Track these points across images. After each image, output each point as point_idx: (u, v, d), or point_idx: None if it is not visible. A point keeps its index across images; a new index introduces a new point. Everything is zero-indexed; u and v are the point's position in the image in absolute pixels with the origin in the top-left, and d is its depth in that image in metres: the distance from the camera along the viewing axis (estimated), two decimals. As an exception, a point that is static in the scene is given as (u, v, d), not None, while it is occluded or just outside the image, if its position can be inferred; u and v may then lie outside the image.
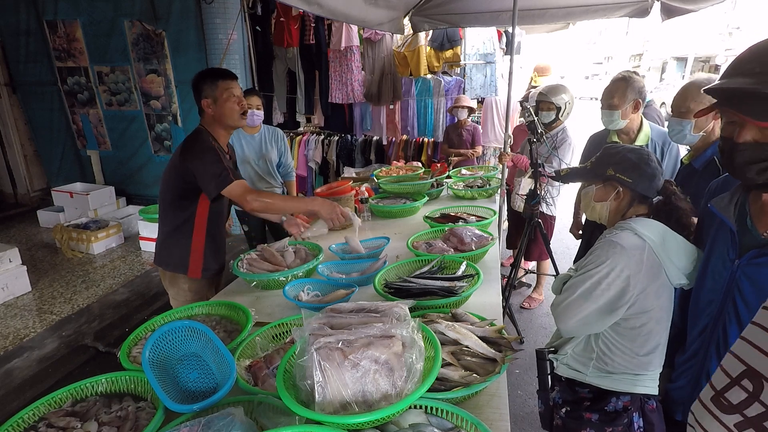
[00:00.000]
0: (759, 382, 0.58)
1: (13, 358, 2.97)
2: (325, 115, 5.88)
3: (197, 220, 2.05)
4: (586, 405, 1.37)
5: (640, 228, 1.26)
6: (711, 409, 0.63)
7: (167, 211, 2.08)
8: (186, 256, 2.08)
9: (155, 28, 4.76)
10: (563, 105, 3.10)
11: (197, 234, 2.07)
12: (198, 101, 1.99)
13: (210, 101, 1.96)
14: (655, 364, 1.31)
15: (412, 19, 4.29)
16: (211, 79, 1.95)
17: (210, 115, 1.98)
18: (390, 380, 0.99)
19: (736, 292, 1.09)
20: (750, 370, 0.60)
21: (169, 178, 2.01)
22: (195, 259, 2.09)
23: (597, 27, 33.89)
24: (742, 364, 0.61)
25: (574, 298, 1.27)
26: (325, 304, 1.65)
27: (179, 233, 2.07)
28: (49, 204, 5.56)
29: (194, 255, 2.09)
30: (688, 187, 1.39)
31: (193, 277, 2.11)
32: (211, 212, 2.07)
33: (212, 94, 1.95)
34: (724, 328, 1.13)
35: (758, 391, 0.57)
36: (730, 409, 0.59)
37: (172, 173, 1.99)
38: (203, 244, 2.09)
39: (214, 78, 1.96)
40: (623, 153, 1.36)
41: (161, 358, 1.23)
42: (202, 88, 1.96)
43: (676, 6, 3.23)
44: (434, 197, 3.26)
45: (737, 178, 1.05)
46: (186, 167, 1.90)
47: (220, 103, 1.96)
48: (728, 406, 0.60)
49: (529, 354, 2.94)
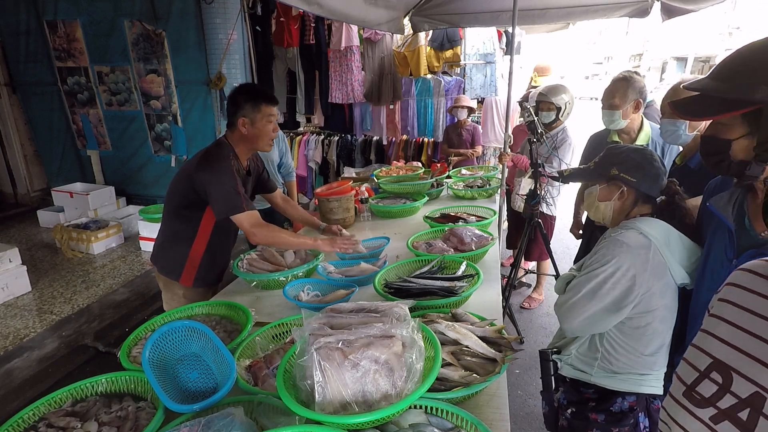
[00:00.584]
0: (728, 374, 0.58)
1: (13, 358, 2.97)
2: (325, 115, 5.88)
3: (200, 231, 2.00)
4: (592, 405, 1.36)
5: (645, 227, 1.26)
6: (684, 403, 0.63)
7: (171, 216, 2.03)
8: (181, 264, 2.03)
9: (155, 28, 4.76)
10: (563, 105, 3.10)
11: (197, 245, 2.02)
12: (233, 115, 1.91)
13: (248, 121, 1.89)
14: (660, 364, 1.31)
15: (412, 19, 4.29)
16: (256, 101, 1.88)
17: (242, 134, 1.92)
18: (390, 380, 0.99)
19: None
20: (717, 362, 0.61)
21: (179, 185, 1.95)
22: (189, 269, 2.04)
23: (597, 27, 33.87)
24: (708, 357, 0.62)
25: (579, 298, 1.27)
26: (325, 304, 1.65)
27: (178, 240, 2.03)
28: (49, 204, 5.56)
29: (189, 265, 2.03)
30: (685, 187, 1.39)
31: (185, 285, 2.07)
32: (216, 227, 2.02)
33: (253, 115, 1.89)
34: None
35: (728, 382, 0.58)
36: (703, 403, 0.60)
37: (183, 180, 1.92)
38: (201, 256, 2.03)
39: (259, 100, 1.89)
40: (627, 153, 1.36)
41: (161, 358, 1.23)
42: (244, 106, 1.89)
43: (676, 6, 3.23)
44: (434, 197, 3.26)
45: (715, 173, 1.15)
46: (201, 180, 1.84)
47: (258, 127, 1.90)
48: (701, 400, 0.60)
49: (529, 354, 2.94)
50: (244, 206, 1.84)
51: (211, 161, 1.87)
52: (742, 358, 0.58)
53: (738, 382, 0.57)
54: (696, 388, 0.62)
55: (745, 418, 0.55)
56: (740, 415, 0.55)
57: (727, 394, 0.58)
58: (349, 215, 2.75)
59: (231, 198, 1.83)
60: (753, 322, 0.59)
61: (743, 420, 0.55)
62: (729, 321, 0.62)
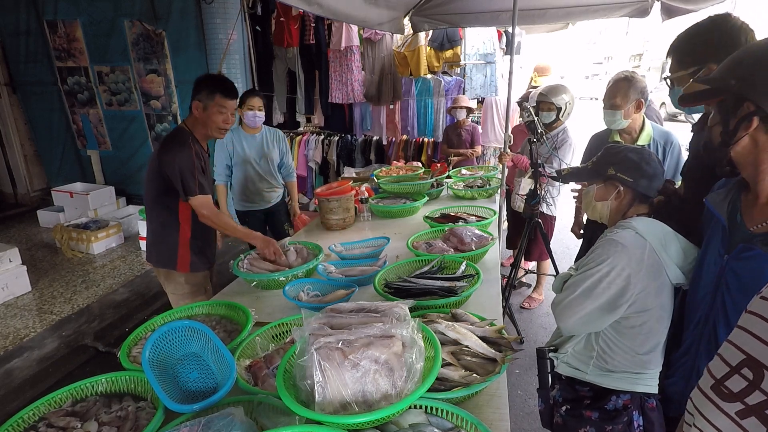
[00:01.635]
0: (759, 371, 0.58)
1: (13, 358, 2.97)
2: (325, 115, 5.87)
3: (181, 216, 2.10)
4: (587, 403, 1.37)
5: (641, 227, 1.26)
6: (711, 397, 0.63)
7: (152, 208, 2.15)
8: (174, 252, 2.13)
9: (155, 28, 4.76)
10: (563, 105, 3.09)
11: (183, 230, 2.12)
12: (192, 99, 2.05)
13: (201, 106, 2.03)
14: (655, 363, 1.32)
15: (412, 19, 4.29)
16: (211, 90, 2.01)
17: (195, 116, 2.06)
18: (390, 380, 0.99)
19: (724, 288, 1.10)
20: (749, 359, 0.60)
21: (150, 174, 2.07)
22: (183, 255, 2.14)
23: (597, 27, 33.79)
24: (741, 353, 0.62)
25: (575, 297, 1.28)
26: (325, 304, 1.65)
27: (166, 230, 2.12)
28: (49, 204, 5.56)
29: (182, 250, 2.13)
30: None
31: (183, 272, 2.16)
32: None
33: (206, 101, 2.02)
34: (714, 324, 1.14)
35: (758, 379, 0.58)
36: (731, 398, 0.60)
37: (152, 170, 2.05)
38: (189, 239, 2.14)
39: (214, 90, 2.01)
40: (624, 153, 1.37)
41: (161, 358, 1.23)
42: (201, 91, 2.02)
43: (676, 6, 3.23)
44: (434, 197, 3.26)
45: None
46: (163, 164, 1.97)
47: (208, 114, 2.03)
48: (729, 395, 0.61)
49: (529, 354, 2.93)
50: (196, 189, 1.97)
51: (169, 145, 2.00)
52: None
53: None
54: (725, 382, 0.62)
55: None
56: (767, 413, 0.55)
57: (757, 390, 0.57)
58: (349, 215, 2.75)
59: (186, 180, 1.95)
60: None
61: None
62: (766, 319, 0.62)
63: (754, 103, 0.95)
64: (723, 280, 1.11)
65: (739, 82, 0.96)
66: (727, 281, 1.09)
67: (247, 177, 3.11)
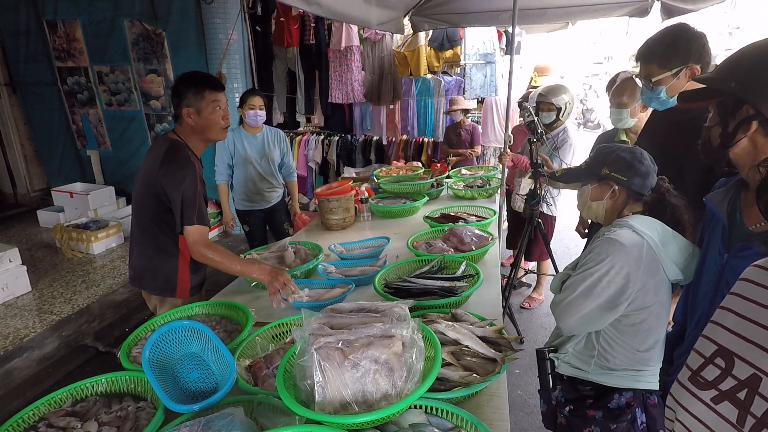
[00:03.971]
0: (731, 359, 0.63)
1: (13, 358, 2.97)
2: (325, 115, 5.87)
3: (182, 240, 1.84)
4: (590, 403, 1.38)
5: (638, 225, 1.27)
6: (689, 387, 0.67)
7: (146, 231, 1.86)
8: (173, 279, 1.89)
9: (155, 28, 4.76)
10: (563, 105, 3.09)
11: (183, 255, 1.87)
12: (177, 107, 1.79)
13: (193, 111, 1.77)
14: (655, 360, 1.33)
15: (412, 19, 4.29)
16: (198, 88, 1.76)
17: (190, 125, 1.80)
18: (390, 380, 0.99)
19: (724, 286, 1.11)
20: (721, 349, 0.65)
21: (146, 193, 1.79)
22: (182, 280, 1.91)
23: (597, 27, 33.76)
24: (714, 344, 0.66)
25: (575, 297, 1.28)
26: (321, 302, 1.65)
27: (162, 255, 1.87)
28: (49, 204, 5.56)
29: (182, 276, 1.91)
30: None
31: (182, 298, 1.93)
32: None
33: (196, 104, 1.76)
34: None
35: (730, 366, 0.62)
36: (706, 386, 0.64)
37: (148, 191, 1.78)
38: (188, 262, 1.90)
39: (201, 87, 1.76)
40: (617, 152, 1.38)
41: (161, 358, 1.23)
42: (186, 95, 1.76)
43: (676, 6, 3.23)
44: (434, 197, 3.26)
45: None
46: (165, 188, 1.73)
47: (204, 116, 1.78)
48: (704, 383, 0.65)
49: (529, 354, 2.92)
50: (195, 219, 1.72)
51: (173, 166, 1.74)
52: (744, 344, 0.62)
53: (739, 365, 0.61)
54: (701, 372, 0.66)
55: (743, 397, 0.59)
56: (738, 395, 0.59)
57: (729, 377, 0.62)
58: (349, 215, 2.75)
59: (186, 208, 1.72)
60: (758, 313, 0.62)
61: (741, 399, 0.59)
62: (736, 312, 0.65)
63: (753, 106, 0.95)
64: (723, 279, 1.11)
65: (739, 84, 0.96)
66: (727, 279, 1.10)
67: (248, 177, 3.11)
